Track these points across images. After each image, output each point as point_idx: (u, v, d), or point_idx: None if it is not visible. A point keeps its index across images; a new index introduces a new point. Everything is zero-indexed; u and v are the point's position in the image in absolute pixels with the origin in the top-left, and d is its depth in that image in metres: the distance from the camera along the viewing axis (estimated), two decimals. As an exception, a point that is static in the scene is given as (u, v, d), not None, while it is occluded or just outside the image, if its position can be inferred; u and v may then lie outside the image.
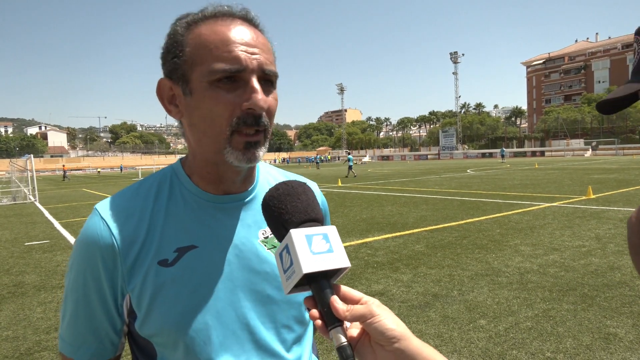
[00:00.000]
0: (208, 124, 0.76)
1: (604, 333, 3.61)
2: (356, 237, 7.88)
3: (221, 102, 0.74)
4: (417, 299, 4.60)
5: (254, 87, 0.75)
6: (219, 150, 0.77)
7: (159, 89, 0.81)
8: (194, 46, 0.75)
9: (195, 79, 0.76)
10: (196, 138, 0.80)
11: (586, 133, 73.75)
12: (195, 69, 0.75)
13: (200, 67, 0.75)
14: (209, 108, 0.75)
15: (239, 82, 0.75)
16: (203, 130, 0.77)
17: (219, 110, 0.75)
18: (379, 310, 0.59)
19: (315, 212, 0.66)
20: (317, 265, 0.58)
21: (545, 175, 21.84)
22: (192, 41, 0.76)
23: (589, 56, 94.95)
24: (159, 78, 0.81)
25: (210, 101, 0.75)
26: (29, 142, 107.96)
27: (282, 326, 0.85)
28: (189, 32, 0.77)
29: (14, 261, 7.29)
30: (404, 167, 42.53)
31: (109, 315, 0.81)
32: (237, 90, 0.75)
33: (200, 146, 0.80)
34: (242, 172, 0.85)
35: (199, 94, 0.76)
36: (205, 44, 0.75)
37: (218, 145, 0.77)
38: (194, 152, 0.84)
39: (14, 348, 3.88)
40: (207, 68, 0.74)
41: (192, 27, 0.77)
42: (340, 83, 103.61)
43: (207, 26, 0.76)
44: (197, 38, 0.76)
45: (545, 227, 8.00)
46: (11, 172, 38.26)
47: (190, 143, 0.83)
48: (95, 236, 0.78)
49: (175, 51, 0.77)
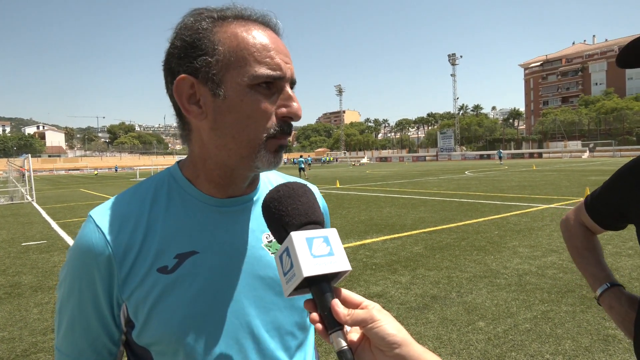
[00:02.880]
0: (241, 128, 0.74)
1: (603, 335, 3.61)
2: (354, 239, 7.87)
3: (260, 108, 0.73)
4: (416, 300, 4.59)
5: (292, 96, 0.75)
6: (247, 155, 0.75)
7: (177, 87, 0.74)
8: (232, 46, 0.73)
9: (230, 80, 0.73)
10: (221, 142, 0.76)
11: (583, 135, 73.95)
12: (232, 71, 0.72)
13: (239, 70, 0.72)
14: (247, 113, 0.73)
15: (274, 89, 0.74)
16: (233, 135, 0.74)
17: (258, 116, 0.73)
18: (380, 315, 0.58)
19: (316, 215, 0.65)
20: (317, 269, 0.58)
21: (543, 176, 21.89)
22: (228, 40, 0.73)
23: (586, 58, 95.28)
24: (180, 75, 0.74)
25: (249, 105, 0.73)
26: (26, 142, 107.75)
27: (285, 333, 0.83)
28: (219, 29, 0.73)
29: (11, 261, 7.25)
30: (402, 168, 42.57)
31: (106, 325, 0.78)
32: (272, 96, 0.74)
33: (223, 150, 0.76)
34: (251, 177, 0.83)
35: (236, 97, 0.73)
36: (245, 46, 0.72)
37: (248, 150, 0.75)
38: (206, 155, 0.79)
39: (9, 349, 3.85)
40: (248, 71, 0.72)
41: (223, 24, 0.74)
42: (339, 84, 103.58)
43: (242, 27, 0.74)
44: (233, 38, 0.73)
45: (543, 229, 8.01)
46: (8, 172, 38.15)
47: (205, 146, 0.78)
48: (90, 245, 0.76)
49: (205, 48, 0.72)
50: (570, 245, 1.38)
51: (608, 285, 1.22)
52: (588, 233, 1.34)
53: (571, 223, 1.38)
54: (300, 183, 0.69)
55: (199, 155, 0.80)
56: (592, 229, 1.33)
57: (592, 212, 1.29)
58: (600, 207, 1.27)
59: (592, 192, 1.32)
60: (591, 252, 1.31)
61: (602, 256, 1.31)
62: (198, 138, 0.79)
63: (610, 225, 1.27)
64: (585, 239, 1.33)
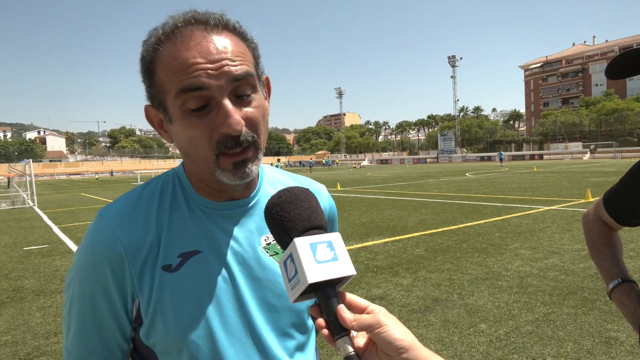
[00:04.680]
0: (192, 150, 0.75)
1: (604, 337, 3.60)
2: (356, 241, 7.88)
3: (197, 129, 0.72)
4: (417, 303, 4.59)
5: (226, 110, 0.71)
6: (211, 172, 0.77)
7: (147, 116, 0.81)
8: (160, 73, 0.74)
9: (170, 107, 0.74)
10: (189, 160, 0.80)
11: (584, 136, 73.86)
12: (167, 97, 0.74)
13: (170, 95, 0.73)
14: (187, 137, 0.74)
15: (211, 104, 0.72)
16: (190, 155, 0.77)
17: (197, 137, 0.73)
18: (387, 320, 0.58)
19: (319, 219, 0.65)
20: (322, 275, 0.58)
21: (544, 178, 21.86)
22: (158, 67, 0.74)
23: (587, 59, 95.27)
24: (145, 105, 0.80)
25: (187, 129, 0.73)
26: (27, 147, 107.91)
27: (285, 334, 0.85)
28: (155, 55, 0.74)
29: (13, 266, 7.26)
30: (403, 170, 42.54)
31: (119, 322, 0.80)
32: (210, 113, 0.72)
33: (193, 167, 0.81)
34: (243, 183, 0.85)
35: (177, 122, 0.74)
36: (168, 71, 0.72)
37: (207, 168, 0.76)
38: (190, 169, 0.84)
39: (13, 353, 3.86)
40: (174, 96, 0.72)
41: (158, 49, 0.73)
42: (339, 87, 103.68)
43: (169, 48, 0.72)
44: (161, 64, 0.73)
45: (544, 231, 8.00)
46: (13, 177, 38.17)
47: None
48: (101, 242, 0.77)
49: (149, 78, 0.76)
50: (589, 240, 1.40)
51: (619, 281, 1.24)
52: (606, 229, 1.36)
53: (590, 219, 1.41)
54: (302, 187, 0.69)
55: (187, 168, 0.86)
56: (611, 225, 1.35)
57: (609, 207, 1.31)
58: (616, 203, 1.29)
59: (610, 188, 1.33)
60: (607, 247, 1.33)
61: (619, 253, 1.33)
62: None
63: (626, 221, 1.29)
64: (603, 234, 1.35)
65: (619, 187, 1.28)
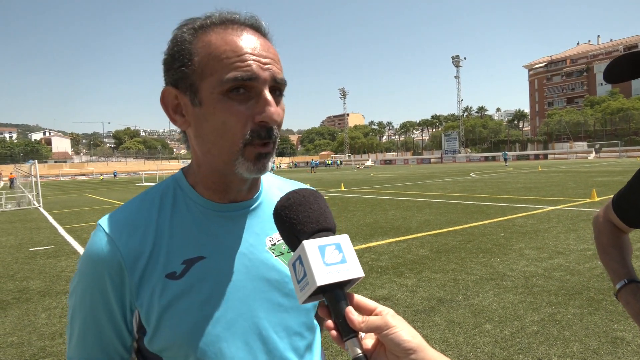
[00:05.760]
0: (219, 136, 0.75)
1: (611, 337, 3.58)
2: (360, 242, 7.87)
3: (234, 114, 0.73)
4: (422, 303, 4.58)
5: (267, 100, 0.73)
6: (229, 162, 0.76)
7: (163, 98, 0.79)
8: (204, 55, 0.74)
9: (205, 89, 0.74)
10: (204, 149, 0.78)
11: (589, 136, 73.56)
12: (206, 79, 0.74)
13: (211, 78, 0.73)
14: (221, 120, 0.74)
15: (251, 93, 0.74)
16: (213, 142, 0.76)
17: (232, 123, 0.73)
18: (395, 322, 0.58)
19: (327, 221, 0.65)
20: (331, 277, 0.58)
21: (549, 178, 21.77)
22: (202, 50, 0.74)
23: (591, 59, 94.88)
24: (164, 87, 0.79)
25: (223, 113, 0.73)
26: (33, 148, 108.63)
27: (294, 334, 0.84)
28: (196, 39, 0.75)
29: (19, 267, 7.30)
30: (407, 171, 42.50)
31: (119, 332, 0.79)
32: (249, 101, 0.74)
33: (208, 156, 0.79)
34: (249, 181, 0.84)
35: (210, 105, 0.74)
36: (217, 53, 0.73)
37: (229, 157, 0.76)
38: (199, 162, 0.82)
39: (18, 354, 3.88)
40: (218, 78, 0.72)
41: (200, 34, 0.75)
42: (343, 87, 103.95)
43: (217, 34, 0.74)
44: (207, 47, 0.74)
45: (549, 231, 7.97)
46: (15, 179, 38.46)
47: (196, 153, 0.82)
48: (101, 253, 0.77)
49: (182, 59, 0.75)
50: (598, 242, 1.41)
51: (626, 282, 1.25)
52: (615, 230, 1.36)
53: (600, 221, 1.41)
54: (311, 190, 0.69)
55: (195, 162, 0.84)
56: (620, 227, 1.35)
57: (618, 209, 1.32)
58: (624, 205, 1.29)
59: (619, 190, 1.34)
60: (615, 249, 1.34)
61: (627, 254, 1.34)
62: (191, 145, 0.82)
63: (635, 223, 1.29)
64: (612, 235, 1.36)
65: (627, 189, 1.28)
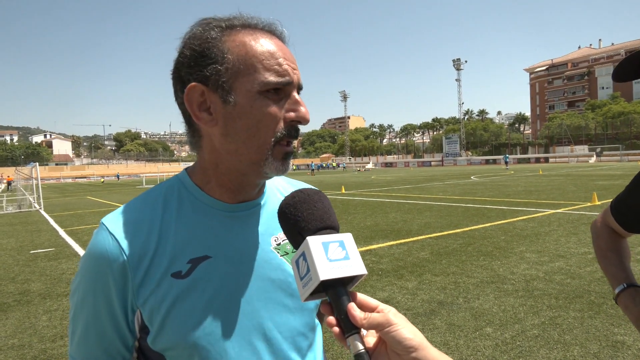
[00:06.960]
0: (252, 134, 0.76)
1: (611, 341, 3.58)
2: (360, 244, 7.87)
3: (270, 113, 0.75)
4: (423, 306, 4.58)
5: (299, 100, 0.78)
6: (257, 161, 0.77)
7: (188, 95, 0.76)
8: (241, 55, 0.75)
9: (240, 87, 0.75)
10: (232, 147, 0.78)
11: (590, 139, 73.51)
12: (241, 78, 0.75)
13: (249, 77, 0.74)
14: (257, 118, 0.75)
15: (282, 94, 0.77)
16: (243, 140, 0.76)
17: (267, 121, 0.75)
18: (397, 319, 0.59)
19: (331, 220, 0.67)
20: (333, 273, 0.59)
21: (550, 181, 21.76)
22: (236, 49, 0.75)
23: (592, 62, 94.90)
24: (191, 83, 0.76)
25: (259, 111, 0.75)
26: (34, 151, 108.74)
27: (297, 334, 0.85)
28: (227, 38, 0.75)
29: (20, 269, 7.31)
30: (408, 173, 42.49)
31: (120, 332, 0.80)
32: (281, 101, 0.77)
33: (234, 156, 0.78)
34: (261, 182, 0.85)
35: (246, 104, 0.75)
36: (254, 54, 0.75)
37: (258, 156, 0.77)
38: (217, 160, 0.81)
39: (19, 356, 3.88)
40: (258, 79, 0.74)
41: (230, 34, 0.76)
42: (344, 90, 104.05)
43: (250, 36, 0.76)
44: (242, 47, 0.75)
45: (550, 234, 7.97)
46: (16, 180, 38.51)
47: (215, 151, 0.80)
48: (104, 251, 0.76)
49: (214, 57, 0.75)
50: (596, 247, 1.41)
51: (625, 286, 1.25)
52: (613, 235, 1.36)
53: (598, 225, 1.42)
54: (315, 189, 0.70)
55: (209, 161, 0.82)
56: (618, 232, 1.35)
57: (617, 214, 1.32)
58: (623, 210, 1.30)
59: (617, 195, 1.34)
60: (614, 253, 1.34)
61: (626, 258, 1.34)
62: (209, 144, 0.80)
63: (633, 227, 1.29)
64: (610, 240, 1.36)
65: (626, 194, 1.28)
